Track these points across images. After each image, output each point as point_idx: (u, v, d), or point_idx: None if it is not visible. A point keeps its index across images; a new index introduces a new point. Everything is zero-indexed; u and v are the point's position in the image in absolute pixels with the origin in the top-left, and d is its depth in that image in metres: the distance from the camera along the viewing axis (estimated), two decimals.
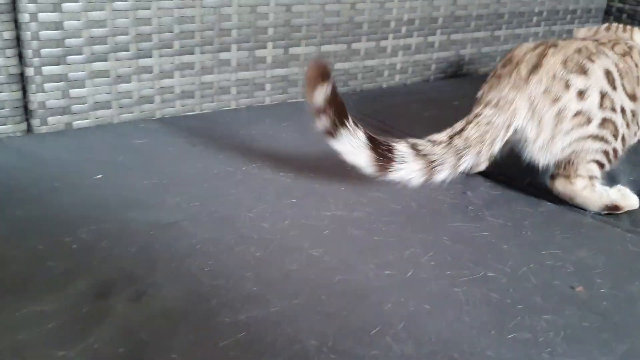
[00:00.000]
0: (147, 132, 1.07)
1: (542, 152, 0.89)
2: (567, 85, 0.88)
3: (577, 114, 0.87)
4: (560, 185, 0.90)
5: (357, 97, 1.35)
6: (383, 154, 0.79)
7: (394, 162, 0.80)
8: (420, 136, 0.83)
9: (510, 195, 0.92)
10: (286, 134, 1.07)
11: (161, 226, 0.75)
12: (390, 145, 0.80)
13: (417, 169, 0.81)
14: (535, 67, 0.89)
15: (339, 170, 0.84)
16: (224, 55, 1.21)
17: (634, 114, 0.94)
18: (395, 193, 0.85)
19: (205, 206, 0.81)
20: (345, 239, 0.76)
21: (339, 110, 0.78)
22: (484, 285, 0.68)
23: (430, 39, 1.52)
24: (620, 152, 0.93)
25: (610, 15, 1.91)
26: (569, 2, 1.79)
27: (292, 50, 1.29)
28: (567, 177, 0.89)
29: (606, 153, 0.90)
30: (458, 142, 0.83)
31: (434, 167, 0.82)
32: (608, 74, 0.90)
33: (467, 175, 0.95)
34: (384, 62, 1.46)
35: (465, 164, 0.84)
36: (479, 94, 0.93)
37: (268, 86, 1.29)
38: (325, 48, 1.34)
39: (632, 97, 0.93)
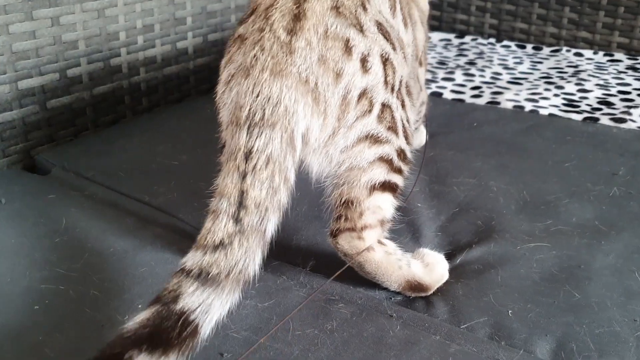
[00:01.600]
0: None
1: (316, 156, 0.60)
2: (347, 48, 0.58)
3: (361, 95, 0.59)
4: (345, 243, 0.63)
5: (89, 143, 0.98)
6: (182, 335, 0.50)
7: (198, 328, 0.51)
8: (175, 200, 0.52)
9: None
10: None
11: None
12: (179, 314, 0.50)
13: (226, 298, 0.53)
14: (297, 20, 0.57)
15: None
16: None
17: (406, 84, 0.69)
18: None
19: None
20: None
21: None
22: None
23: (180, 44, 1.19)
24: (408, 153, 0.67)
25: None
26: None
27: None
28: (353, 229, 0.62)
29: (390, 162, 0.63)
30: (250, 218, 0.54)
31: (244, 272, 0.54)
32: (380, 25, 0.62)
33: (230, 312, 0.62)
34: (121, 85, 1.10)
35: (272, 227, 0.56)
36: (221, 76, 0.61)
37: None
38: (24, 83, 0.95)
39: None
